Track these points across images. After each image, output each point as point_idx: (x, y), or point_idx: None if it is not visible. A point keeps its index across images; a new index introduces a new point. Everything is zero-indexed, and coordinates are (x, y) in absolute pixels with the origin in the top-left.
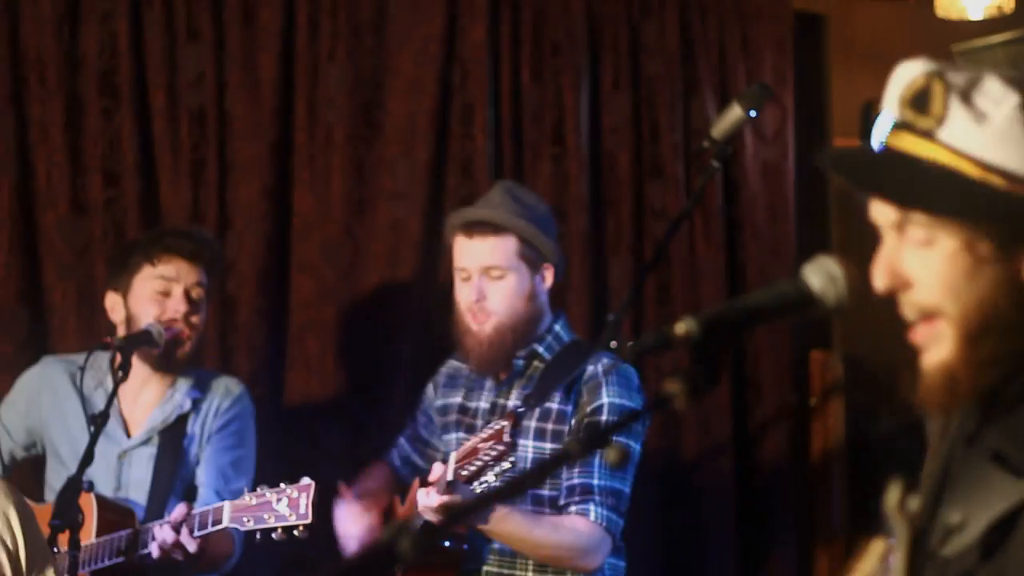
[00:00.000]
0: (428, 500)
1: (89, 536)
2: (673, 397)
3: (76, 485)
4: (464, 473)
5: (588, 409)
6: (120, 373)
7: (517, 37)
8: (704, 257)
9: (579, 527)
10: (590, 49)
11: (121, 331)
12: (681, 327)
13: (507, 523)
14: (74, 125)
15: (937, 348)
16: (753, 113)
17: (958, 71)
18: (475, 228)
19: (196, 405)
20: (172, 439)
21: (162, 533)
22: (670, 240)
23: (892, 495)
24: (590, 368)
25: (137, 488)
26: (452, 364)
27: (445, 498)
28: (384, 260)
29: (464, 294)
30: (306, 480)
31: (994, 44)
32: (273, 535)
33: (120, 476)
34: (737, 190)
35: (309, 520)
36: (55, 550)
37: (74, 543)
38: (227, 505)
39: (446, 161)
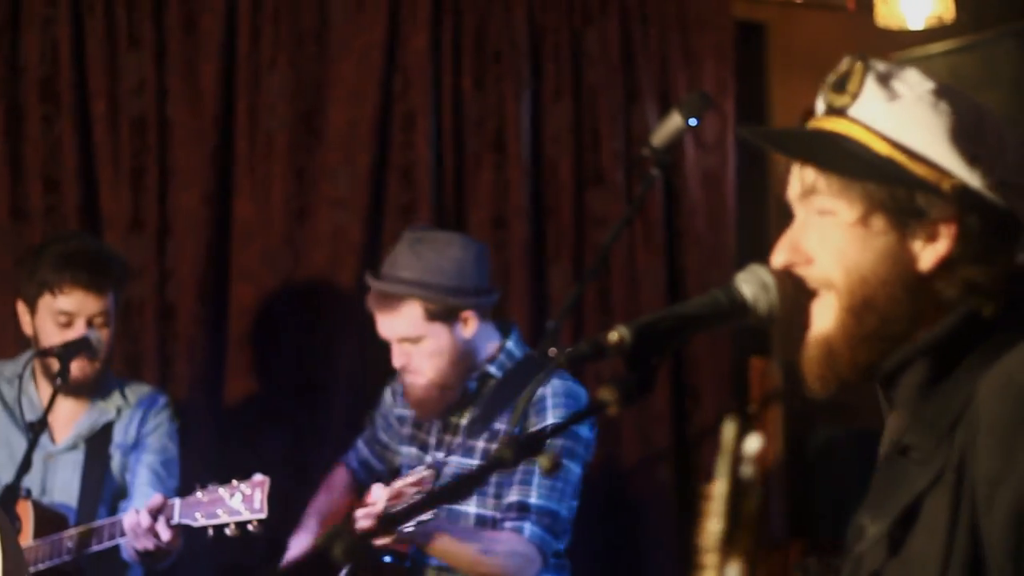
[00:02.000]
0: (362, 524)
1: (26, 541)
2: (606, 404)
3: (14, 492)
4: (391, 513)
5: (533, 430)
6: (59, 380)
7: (459, 45)
8: (644, 264)
9: (513, 544)
10: (532, 57)
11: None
12: (614, 335)
13: (442, 539)
14: (14, 132)
15: (819, 320)
16: (693, 121)
17: (883, 61)
18: (379, 303)
19: (120, 413)
20: (99, 446)
21: (137, 519)
22: (610, 248)
23: (727, 432)
24: (540, 391)
25: (62, 492)
26: None
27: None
28: (325, 267)
29: (393, 358)
30: (259, 476)
31: (934, 54)
32: (226, 531)
33: (45, 480)
34: (678, 198)
35: (264, 515)
36: None
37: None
38: (177, 501)
39: (387, 169)
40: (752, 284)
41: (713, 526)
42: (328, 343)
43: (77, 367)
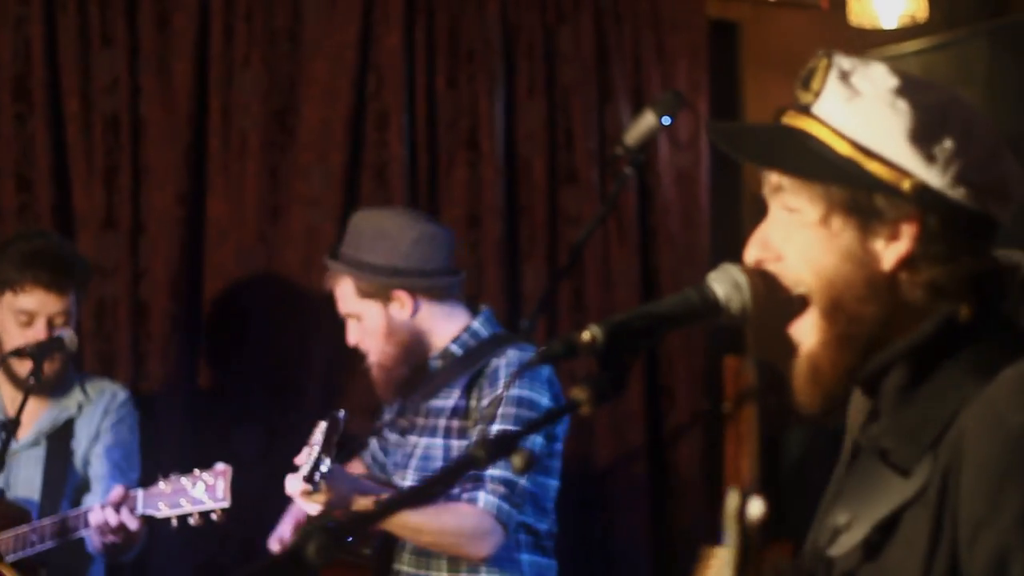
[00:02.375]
0: (292, 486)
1: None
2: (579, 404)
3: None
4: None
5: (486, 401)
6: (33, 379)
7: (432, 43)
8: (618, 263)
9: (463, 511)
10: (505, 56)
11: None
12: (587, 334)
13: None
14: None
15: (806, 339)
16: (667, 120)
17: (851, 58)
18: (327, 278)
19: (81, 409)
20: (60, 441)
21: (103, 514)
22: (584, 246)
23: (731, 501)
24: (494, 361)
25: (24, 486)
26: None
27: (306, 485)
28: (298, 266)
29: (348, 339)
30: (221, 465)
31: (907, 53)
32: (190, 520)
33: (8, 476)
34: (651, 196)
35: (227, 505)
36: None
37: None
38: (140, 492)
39: (361, 167)
40: (724, 283)
41: None
42: (301, 342)
43: (48, 367)
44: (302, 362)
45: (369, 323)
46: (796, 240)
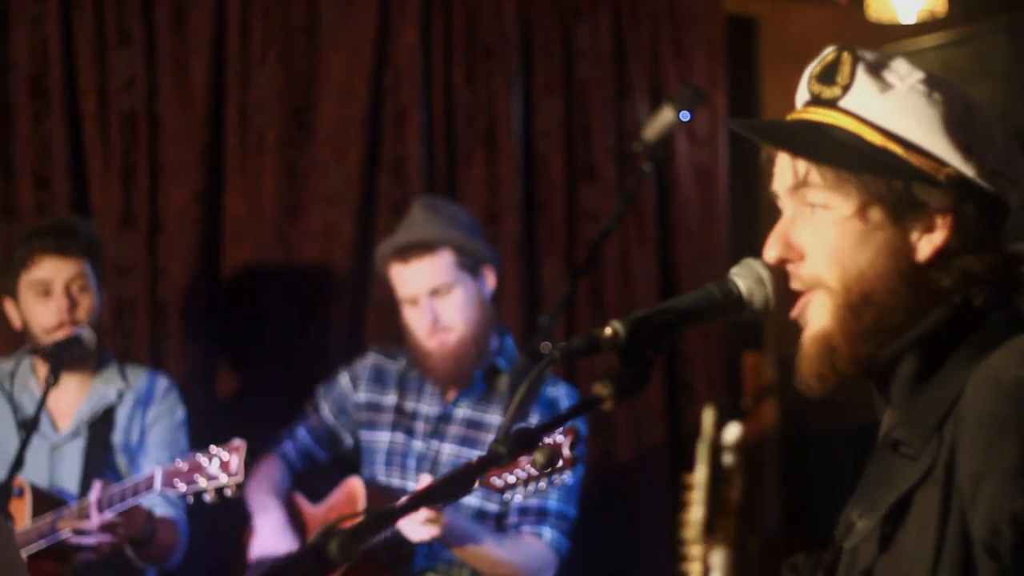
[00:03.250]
0: (415, 515)
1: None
2: (602, 399)
3: (6, 491)
4: (498, 483)
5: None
6: (52, 379)
7: (449, 41)
8: (637, 259)
9: (536, 549)
10: (522, 52)
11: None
12: (609, 330)
13: (470, 540)
14: (4, 129)
15: (815, 319)
16: (685, 116)
17: (870, 51)
18: (409, 252)
19: (122, 396)
20: (100, 431)
21: (86, 522)
22: (602, 243)
23: (706, 420)
24: (550, 390)
25: (69, 480)
26: (375, 359)
27: (432, 512)
28: (316, 264)
29: (417, 320)
30: (237, 441)
31: (926, 48)
32: (206, 498)
33: (52, 469)
34: (670, 192)
35: (241, 479)
36: None
37: None
38: (158, 471)
39: (378, 165)
40: (747, 278)
41: (695, 514)
42: (320, 339)
43: (71, 361)
44: (321, 360)
45: (465, 295)
46: (825, 237)
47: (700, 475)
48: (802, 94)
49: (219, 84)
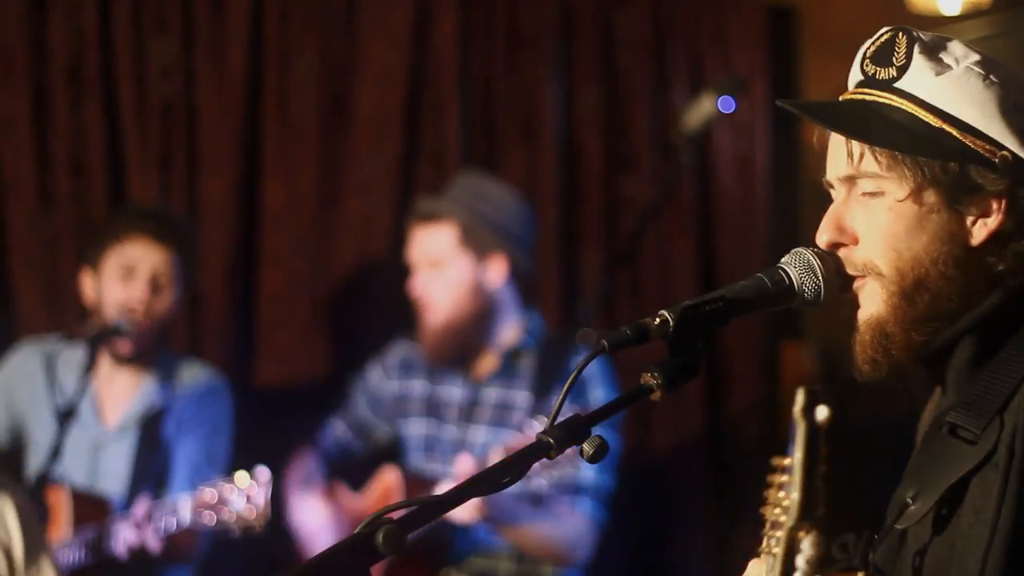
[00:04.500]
0: None
1: (61, 528)
2: (651, 389)
3: (43, 479)
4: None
5: (583, 404)
6: (88, 366)
7: (489, 29)
8: (676, 249)
9: (574, 522)
10: (561, 40)
11: (94, 314)
12: (658, 319)
13: (516, 521)
14: (41, 117)
15: (868, 305)
16: (729, 106)
17: (925, 33)
18: (420, 218)
19: (174, 395)
20: (151, 432)
21: (126, 533)
22: (641, 232)
23: (799, 400)
24: (576, 364)
25: (112, 478)
26: (404, 347)
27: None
28: (354, 253)
29: (412, 288)
30: (262, 471)
31: (968, 38)
32: (230, 534)
33: (96, 465)
34: (709, 182)
35: (268, 515)
36: None
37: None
38: (184, 502)
39: (416, 153)
40: (797, 267)
41: (792, 497)
42: (358, 329)
43: (112, 350)
44: (359, 349)
45: (456, 276)
46: (879, 222)
47: (798, 457)
48: (855, 74)
49: (257, 72)
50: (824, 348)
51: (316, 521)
